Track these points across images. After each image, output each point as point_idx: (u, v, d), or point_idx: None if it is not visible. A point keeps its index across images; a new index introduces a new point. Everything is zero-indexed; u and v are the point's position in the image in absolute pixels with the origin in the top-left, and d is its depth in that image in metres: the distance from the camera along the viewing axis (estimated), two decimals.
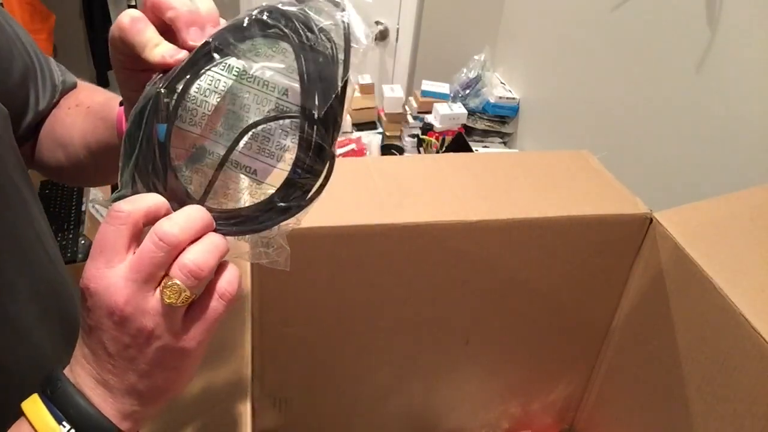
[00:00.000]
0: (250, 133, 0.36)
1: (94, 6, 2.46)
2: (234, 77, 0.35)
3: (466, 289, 0.69)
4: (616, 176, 0.74)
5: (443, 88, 1.87)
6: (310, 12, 0.35)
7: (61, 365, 0.37)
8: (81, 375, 0.35)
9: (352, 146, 1.75)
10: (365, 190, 0.66)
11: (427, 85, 1.86)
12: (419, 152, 1.80)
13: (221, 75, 0.35)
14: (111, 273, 0.33)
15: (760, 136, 1.11)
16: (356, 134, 1.83)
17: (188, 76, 0.35)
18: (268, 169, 0.36)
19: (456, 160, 0.75)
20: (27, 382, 0.37)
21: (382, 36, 2.02)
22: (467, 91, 1.91)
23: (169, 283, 0.34)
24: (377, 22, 2.01)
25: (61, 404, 0.35)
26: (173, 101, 0.35)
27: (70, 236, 1.80)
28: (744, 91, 1.13)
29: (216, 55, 0.35)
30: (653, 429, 0.70)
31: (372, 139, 1.83)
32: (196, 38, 0.37)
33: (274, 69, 0.35)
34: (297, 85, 0.35)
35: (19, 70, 0.56)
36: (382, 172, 0.69)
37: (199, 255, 0.34)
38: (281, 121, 0.35)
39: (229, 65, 0.35)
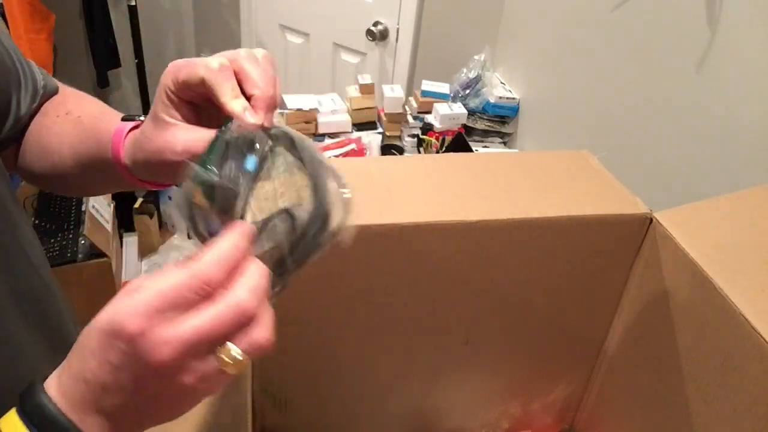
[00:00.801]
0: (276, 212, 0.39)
1: (94, 6, 2.46)
2: (293, 171, 0.40)
3: (466, 289, 0.69)
4: (616, 176, 0.74)
5: (443, 88, 1.87)
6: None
7: (41, 379, 0.34)
8: (76, 400, 0.33)
9: (352, 146, 1.75)
10: (365, 190, 0.65)
11: (427, 85, 1.86)
12: (419, 152, 1.80)
13: (285, 163, 0.40)
14: (167, 329, 0.30)
15: (760, 136, 1.11)
16: (356, 134, 1.83)
17: (279, 146, 0.40)
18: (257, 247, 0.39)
19: (456, 160, 0.75)
20: (7, 386, 0.35)
21: (382, 36, 2.02)
22: (467, 91, 1.91)
23: (237, 358, 0.31)
24: (377, 23, 2.01)
25: None
26: (274, 149, 0.39)
27: (70, 236, 1.80)
28: (744, 91, 1.13)
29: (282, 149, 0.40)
30: (653, 429, 0.70)
31: (372, 139, 1.83)
32: (267, 124, 0.40)
33: (304, 185, 0.40)
34: (308, 207, 0.40)
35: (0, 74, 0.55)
36: (382, 172, 0.69)
37: (268, 330, 0.32)
38: (291, 222, 0.40)
39: (288, 163, 0.40)
